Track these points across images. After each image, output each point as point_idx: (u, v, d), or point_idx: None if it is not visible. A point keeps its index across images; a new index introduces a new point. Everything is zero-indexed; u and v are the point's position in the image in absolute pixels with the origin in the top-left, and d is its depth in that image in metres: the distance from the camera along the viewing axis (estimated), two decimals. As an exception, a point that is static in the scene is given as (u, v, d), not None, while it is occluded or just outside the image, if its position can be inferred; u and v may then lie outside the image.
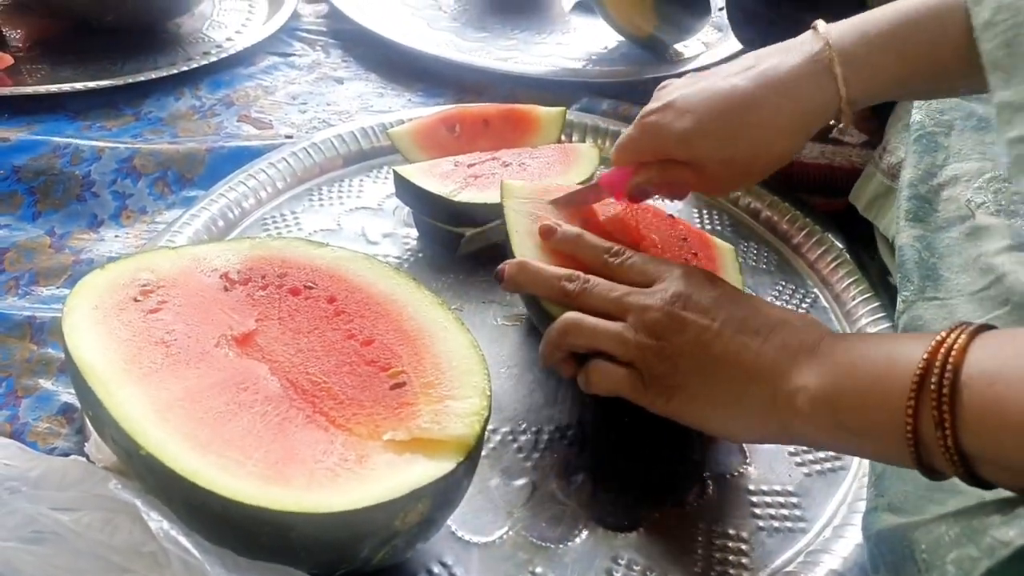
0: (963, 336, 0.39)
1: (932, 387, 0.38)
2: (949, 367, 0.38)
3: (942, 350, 0.38)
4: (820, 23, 0.54)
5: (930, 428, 0.38)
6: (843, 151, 0.98)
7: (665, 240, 0.65)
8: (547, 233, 0.60)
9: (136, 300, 0.52)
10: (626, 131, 0.59)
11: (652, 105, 0.58)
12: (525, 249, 0.60)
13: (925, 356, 0.39)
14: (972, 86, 0.48)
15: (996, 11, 0.45)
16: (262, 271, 0.55)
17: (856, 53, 0.51)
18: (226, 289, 0.54)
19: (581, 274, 0.56)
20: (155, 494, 0.44)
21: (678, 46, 1.14)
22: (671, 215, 0.68)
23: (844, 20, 0.54)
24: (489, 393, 0.48)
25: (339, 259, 0.56)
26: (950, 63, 0.50)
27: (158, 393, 0.45)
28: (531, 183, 0.67)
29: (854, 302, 0.72)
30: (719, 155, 0.55)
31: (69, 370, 0.48)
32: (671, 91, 0.57)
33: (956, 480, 0.39)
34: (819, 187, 0.89)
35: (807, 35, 0.55)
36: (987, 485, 0.38)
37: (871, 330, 0.69)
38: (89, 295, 0.51)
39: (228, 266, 0.55)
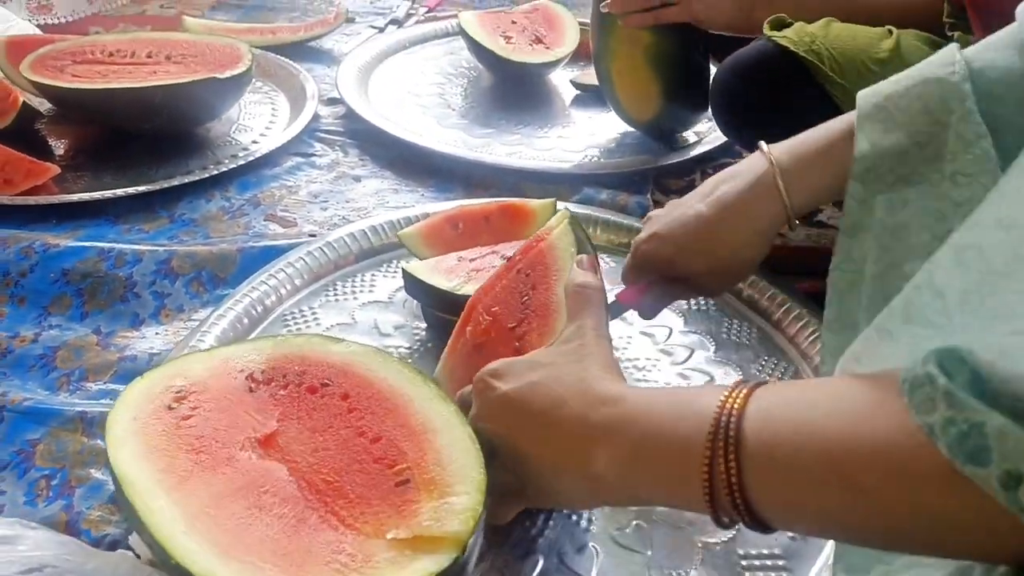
0: (743, 393, 0.43)
1: (720, 457, 0.42)
2: (732, 429, 0.42)
3: (723, 414, 0.43)
4: (763, 144, 0.65)
5: (724, 492, 0.42)
6: (828, 233, 1.05)
7: (506, 301, 0.71)
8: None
9: (170, 408, 0.58)
10: (628, 258, 0.71)
11: (642, 235, 0.70)
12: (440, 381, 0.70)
13: (711, 425, 0.43)
14: None
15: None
16: (284, 370, 0.62)
17: (795, 170, 0.61)
18: (251, 390, 0.61)
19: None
20: None
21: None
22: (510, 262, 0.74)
23: (785, 140, 0.64)
24: (485, 486, 0.53)
25: (353, 354, 0.63)
26: None
27: (188, 501, 0.52)
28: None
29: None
30: (700, 269, 0.66)
31: (111, 479, 0.54)
32: (654, 223, 0.69)
33: None
34: (806, 270, 0.96)
35: (755, 155, 0.65)
36: (771, 530, 0.43)
37: None
38: (130, 406, 0.58)
39: (253, 366, 0.62)
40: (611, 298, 0.69)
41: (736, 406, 0.43)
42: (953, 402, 0.32)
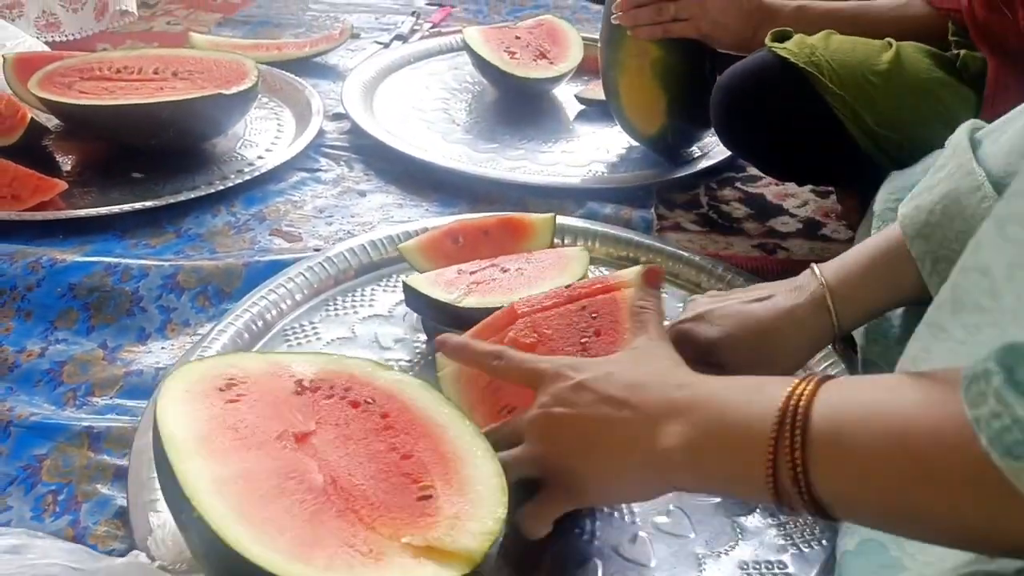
0: (810, 386, 0.45)
1: (786, 441, 0.44)
2: (800, 420, 0.44)
3: (791, 403, 0.45)
4: (814, 266, 0.69)
5: (788, 475, 0.44)
6: (831, 248, 1.05)
7: (562, 330, 0.71)
8: (439, 344, 0.67)
9: (220, 390, 0.60)
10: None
11: (686, 314, 0.71)
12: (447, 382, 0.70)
13: (778, 413, 0.45)
14: None
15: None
16: (331, 382, 0.63)
17: (844, 292, 0.66)
18: (297, 393, 0.62)
19: (489, 428, 0.62)
20: (197, 558, 0.53)
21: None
22: (580, 302, 0.73)
23: (834, 260, 0.69)
24: (504, 520, 0.54)
25: (399, 383, 0.64)
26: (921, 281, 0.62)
27: (220, 469, 0.53)
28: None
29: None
30: (740, 361, 0.67)
31: (153, 438, 0.55)
32: (699, 305, 0.71)
33: (906, 561, 0.44)
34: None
35: (807, 274, 0.69)
36: (830, 516, 0.44)
37: None
38: (184, 379, 0.60)
39: (303, 374, 0.63)
40: None
41: (805, 391, 0.45)
42: (1002, 398, 0.33)
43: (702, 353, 0.68)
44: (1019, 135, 0.57)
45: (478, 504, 0.54)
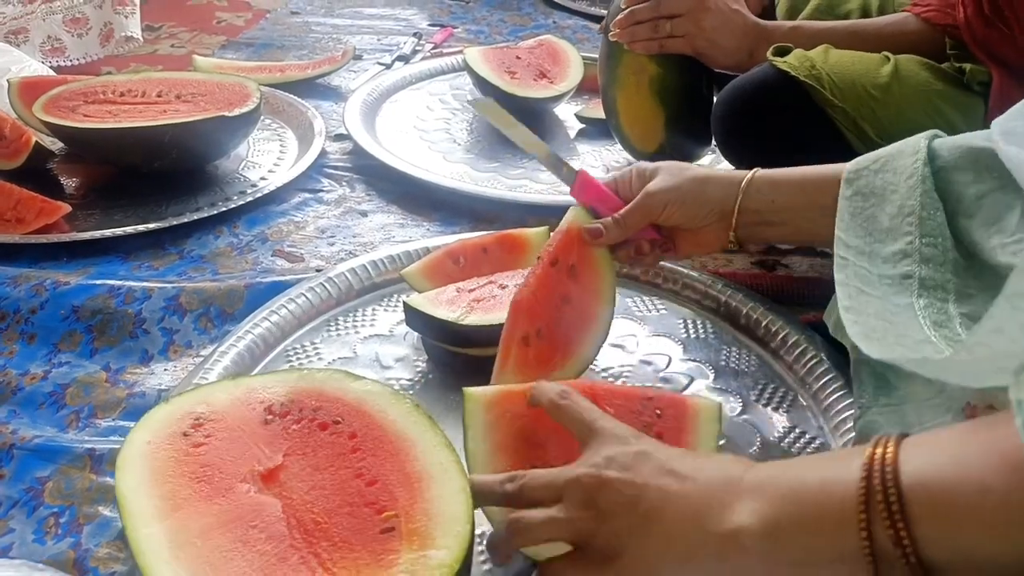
0: (891, 446, 0.43)
1: (880, 505, 0.42)
2: (890, 481, 0.42)
3: (875, 466, 0.43)
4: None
5: (887, 545, 0.42)
6: (830, 263, 1.05)
7: (624, 416, 0.65)
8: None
9: (185, 435, 0.60)
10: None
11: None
12: (477, 455, 0.63)
13: (863, 476, 0.43)
14: None
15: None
16: (301, 404, 0.63)
17: (761, 183, 0.73)
18: (266, 422, 0.62)
19: (518, 473, 0.57)
20: None
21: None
22: (648, 395, 0.68)
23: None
24: (469, 541, 0.53)
25: (369, 393, 0.64)
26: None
27: (178, 530, 0.53)
28: (494, 389, 0.67)
29: (836, 407, 0.77)
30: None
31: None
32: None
33: None
34: (810, 300, 0.96)
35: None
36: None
37: (849, 425, 0.74)
38: (148, 428, 0.60)
39: (274, 398, 0.64)
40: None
41: (888, 449, 0.44)
42: None
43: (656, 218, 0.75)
44: None
45: (443, 530, 0.54)
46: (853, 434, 0.69)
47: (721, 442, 0.74)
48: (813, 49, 0.93)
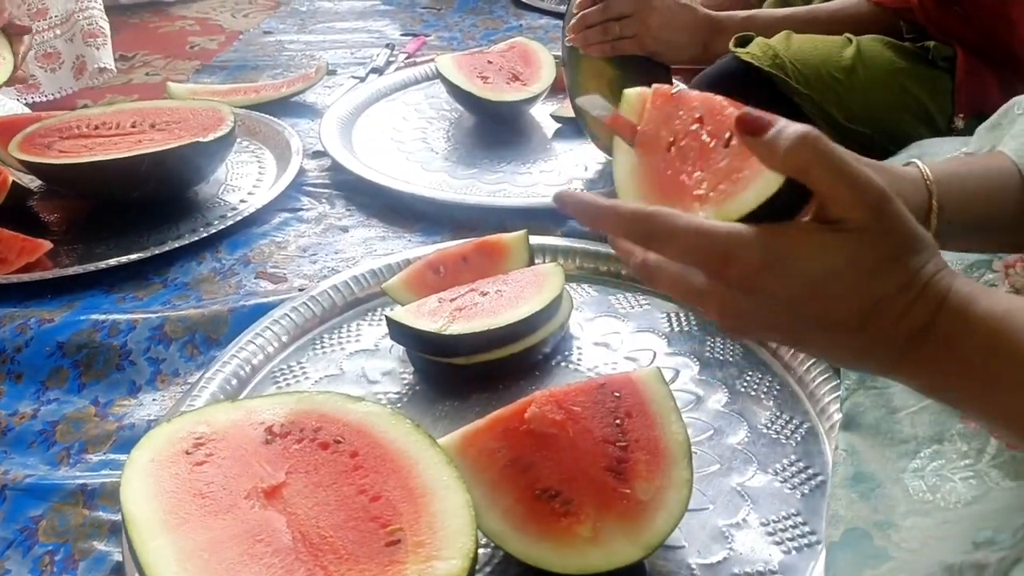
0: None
1: None
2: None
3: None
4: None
5: None
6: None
7: (591, 408, 0.67)
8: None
9: (187, 453, 0.61)
10: None
11: None
12: (620, 167, 0.57)
13: None
14: None
15: None
16: (301, 424, 0.64)
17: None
18: (267, 442, 0.63)
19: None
20: None
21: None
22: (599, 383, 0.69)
23: None
24: (473, 555, 0.54)
25: (369, 415, 0.64)
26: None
27: (184, 542, 0.54)
28: (458, 434, 0.66)
29: (822, 390, 0.78)
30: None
31: (121, 516, 0.56)
32: None
33: (892, 551, 0.44)
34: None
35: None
36: None
37: (835, 407, 0.74)
38: (150, 447, 0.61)
39: (274, 419, 0.64)
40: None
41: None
42: None
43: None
44: None
45: (447, 543, 0.54)
46: (839, 416, 0.70)
47: (708, 433, 0.75)
48: (774, 37, 0.93)
